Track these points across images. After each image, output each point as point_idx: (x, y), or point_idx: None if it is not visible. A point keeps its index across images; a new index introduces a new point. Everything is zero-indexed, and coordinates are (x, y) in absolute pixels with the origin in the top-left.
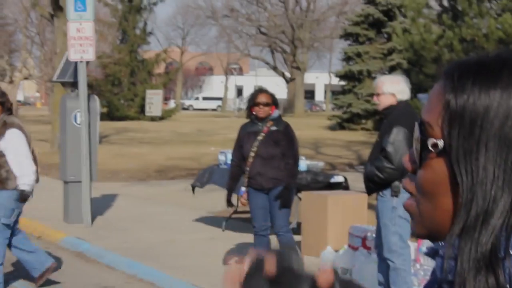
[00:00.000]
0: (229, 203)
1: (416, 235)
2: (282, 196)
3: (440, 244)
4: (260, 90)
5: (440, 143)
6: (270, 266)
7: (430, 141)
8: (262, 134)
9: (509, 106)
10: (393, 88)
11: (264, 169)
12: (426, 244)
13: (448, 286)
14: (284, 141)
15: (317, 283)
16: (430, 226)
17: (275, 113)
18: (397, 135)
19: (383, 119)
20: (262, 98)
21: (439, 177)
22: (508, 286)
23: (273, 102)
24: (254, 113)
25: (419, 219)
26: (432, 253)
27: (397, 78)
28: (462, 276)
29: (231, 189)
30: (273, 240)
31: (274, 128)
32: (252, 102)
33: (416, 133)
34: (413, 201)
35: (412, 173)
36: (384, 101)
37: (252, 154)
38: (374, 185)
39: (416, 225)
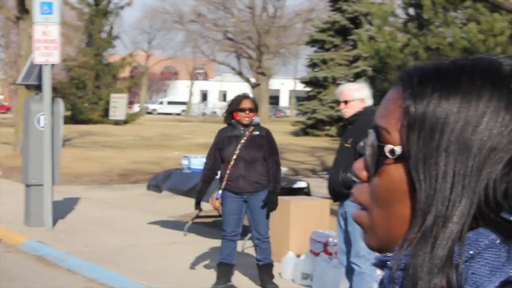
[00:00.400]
0: (198, 205)
1: (369, 247)
2: (270, 201)
3: (389, 255)
4: (244, 96)
5: (398, 149)
6: None
7: (387, 148)
8: (245, 138)
9: (469, 112)
10: (361, 94)
11: (248, 172)
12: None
13: None
14: (266, 146)
15: None
16: (383, 236)
17: (257, 119)
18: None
19: (347, 126)
20: (247, 104)
21: (396, 183)
22: None
23: (256, 108)
24: (238, 118)
25: (371, 230)
26: (380, 264)
27: (362, 85)
28: (415, 280)
29: (202, 192)
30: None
31: (256, 133)
32: (236, 107)
33: (370, 139)
34: (363, 212)
35: (364, 181)
36: (353, 108)
37: (234, 157)
38: (347, 191)
39: (368, 237)
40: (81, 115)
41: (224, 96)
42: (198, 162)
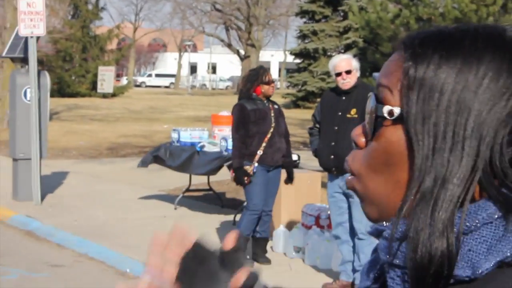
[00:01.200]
0: (243, 178)
1: (368, 217)
2: (292, 175)
3: (386, 225)
4: (266, 69)
5: (397, 110)
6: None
7: (386, 108)
8: (272, 111)
9: (470, 73)
10: (357, 65)
11: (281, 145)
12: None
13: (390, 268)
14: (284, 121)
15: (223, 247)
16: (381, 204)
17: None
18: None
19: (340, 96)
20: (269, 77)
21: (393, 146)
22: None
23: (273, 80)
24: (262, 91)
25: (367, 198)
26: (376, 234)
27: (350, 55)
28: (415, 243)
29: (242, 166)
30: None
31: (276, 106)
32: (263, 80)
33: (370, 104)
34: (355, 179)
35: (361, 147)
36: (354, 77)
37: (271, 130)
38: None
39: (366, 206)
40: (68, 88)
41: (213, 68)
42: (187, 135)
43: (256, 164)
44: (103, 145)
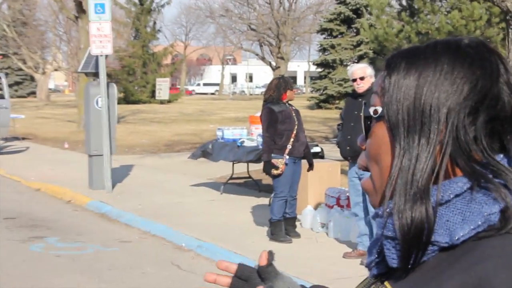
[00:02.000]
0: (272, 170)
1: (373, 207)
2: (313, 163)
3: (380, 208)
4: (287, 78)
5: (379, 109)
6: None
7: (372, 108)
8: (293, 112)
9: (428, 72)
10: (371, 72)
11: (303, 140)
12: None
13: (385, 240)
14: (301, 119)
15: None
16: (380, 188)
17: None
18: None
19: (358, 99)
20: (291, 84)
21: (380, 139)
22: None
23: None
24: (287, 96)
25: (372, 189)
26: (375, 215)
27: (367, 65)
28: (399, 207)
29: (270, 160)
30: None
31: (294, 108)
32: (290, 87)
33: (365, 112)
34: (368, 179)
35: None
36: (368, 83)
37: (296, 127)
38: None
39: (371, 197)
40: (132, 96)
41: (250, 77)
42: (229, 133)
43: (287, 157)
44: (161, 143)
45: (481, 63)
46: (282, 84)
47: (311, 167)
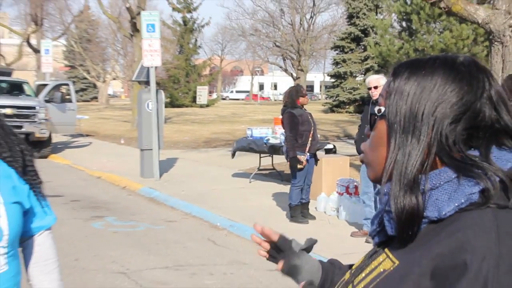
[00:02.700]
0: (296, 164)
1: (369, 178)
2: (316, 160)
3: (384, 186)
4: (300, 86)
5: (382, 108)
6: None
7: (377, 108)
8: (308, 115)
9: (426, 82)
10: (382, 81)
11: (318, 139)
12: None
13: (385, 213)
14: (314, 120)
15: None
16: (376, 170)
17: None
18: None
19: (372, 104)
20: (305, 91)
21: (381, 133)
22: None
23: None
24: (300, 101)
25: (369, 166)
26: (377, 193)
27: (382, 75)
28: (395, 194)
29: (296, 156)
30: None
31: (308, 111)
32: (301, 94)
33: (371, 109)
34: (362, 154)
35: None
36: (380, 91)
37: (313, 128)
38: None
39: (368, 170)
40: (177, 101)
41: (275, 86)
42: (257, 132)
43: (308, 154)
44: (201, 140)
45: (470, 80)
46: (294, 92)
47: (315, 160)
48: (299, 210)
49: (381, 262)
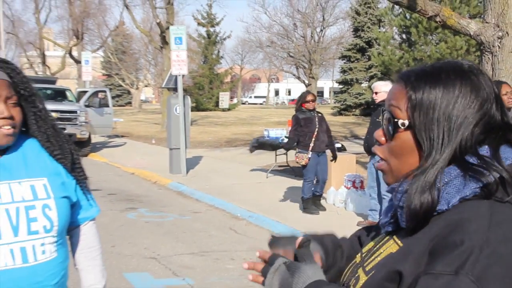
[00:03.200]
0: (287, 150)
1: (386, 183)
2: (336, 156)
3: (396, 185)
4: (308, 92)
5: (406, 122)
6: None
7: (400, 121)
8: (316, 118)
9: (449, 95)
10: (386, 88)
11: (323, 139)
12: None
13: (398, 208)
14: (326, 123)
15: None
16: (396, 176)
17: (316, 106)
18: None
19: (377, 108)
20: (310, 97)
21: (405, 143)
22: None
23: (315, 98)
24: (305, 106)
25: (390, 173)
26: (391, 190)
27: (387, 82)
28: (409, 197)
29: (290, 148)
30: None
31: (319, 114)
32: (304, 100)
33: (386, 115)
34: (383, 162)
35: (382, 144)
36: (380, 96)
37: (317, 130)
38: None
39: (387, 177)
40: (201, 105)
41: (289, 92)
42: (273, 133)
43: (310, 153)
44: (223, 140)
45: (484, 88)
46: (299, 98)
47: (334, 159)
48: (310, 202)
49: (389, 246)
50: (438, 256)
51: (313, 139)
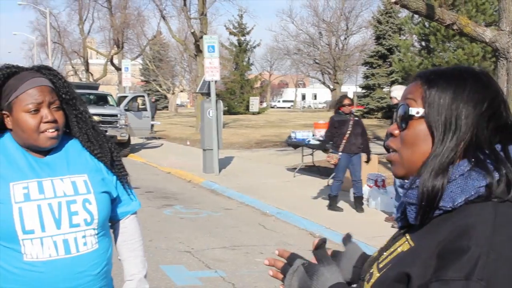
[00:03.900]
0: (326, 151)
1: (396, 175)
2: (369, 158)
3: (405, 182)
4: (345, 96)
5: (421, 110)
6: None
7: (415, 110)
8: (351, 121)
9: (460, 90)
10: (396, 94)
11: (355, 141)
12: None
13: (407, 204)
14: (361, 126)
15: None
16: (408, 166)
17: (353, 110)
18: None
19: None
20: (347, 101)
21: (419, 132)
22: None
23: (352, 102)
24: (342, 109)
25: (400, 164)
26: (400, 186)
27: (399, 87)
28: (424, 180)
29: (325, 147)
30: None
31: (356, 119)
32: (341, 104)
33: (401, 109)
34: (394, 153)
35: (395, 136)
36: (394, 100)
37: (349, 132)
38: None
39: (396, 168)
40: (233, 109)
41: (315, 96)
42: (300, 134)
43: (340, 153)
44: (253, 141)
45: (493, 87)
46: (337, 102)
47: (368, 161)
48: (336, 200)
49: (401, 244)
50: (447, 261)
51: (344, 141)
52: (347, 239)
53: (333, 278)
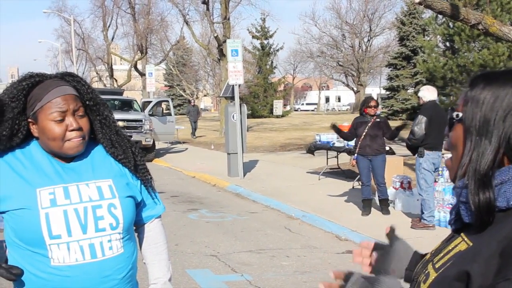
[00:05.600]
0: (338, 131)
1: (450, 179)
2: (385, 161)
3: (458, 182)
4: (370, 98)
5: (460, 114)
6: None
7: (455, 113)
8: (370, 123)
9: (500, 92)
10: (423, 94)
11: (371, 143)
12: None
13: (460, 203)
14: (384, 127)
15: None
16: (454, 169)
17: (378, 111)
18: (419, 120)
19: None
20: (372, 103)
21: (459, 135)
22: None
23: (377, 104)
24: (367, 111)
25: (450, 167)
26: (454, 187)
27: (426, 87)
28: (471, 189)
29: (339, 132)
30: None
31: (378, 120)
32: (366, 105)
33: (450, 114)
34: (448, 159)
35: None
36: (420, 101)
37: (364, 134)
38: (408, 149)
39: (449, 173)
40: (257, 113)
41: (339, 98)
42: (324, 137)
43: (356, 155)
44: (277, 144)
45: None
46: (362, 103)
47: (383, 164)
48: (366, 204)
49: (458, 244)
50: (510, 259)
51: (359, 143)
52: (391, 233)
53: (395, 285)
